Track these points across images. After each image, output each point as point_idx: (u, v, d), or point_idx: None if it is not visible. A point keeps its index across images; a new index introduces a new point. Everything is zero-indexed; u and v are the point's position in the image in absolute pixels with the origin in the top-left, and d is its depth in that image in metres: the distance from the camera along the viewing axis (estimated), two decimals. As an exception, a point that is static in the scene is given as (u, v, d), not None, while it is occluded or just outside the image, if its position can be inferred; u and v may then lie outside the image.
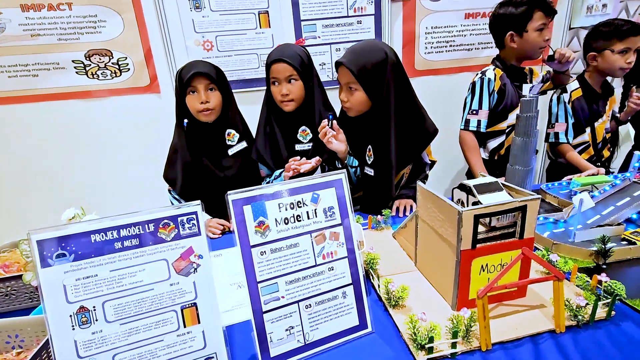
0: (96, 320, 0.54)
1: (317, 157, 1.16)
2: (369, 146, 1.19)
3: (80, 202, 1.74)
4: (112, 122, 1.83)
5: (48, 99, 1.74)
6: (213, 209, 1.25)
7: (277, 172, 1.25)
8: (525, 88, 1.43)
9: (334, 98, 1.27)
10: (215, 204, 1.19)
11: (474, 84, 1.47)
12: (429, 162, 1.32)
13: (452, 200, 0.88)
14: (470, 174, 1.58)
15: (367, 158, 1.20)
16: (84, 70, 1.72)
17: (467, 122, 1.47)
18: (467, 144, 1.48)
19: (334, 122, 1.16)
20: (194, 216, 0.59)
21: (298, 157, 1.17)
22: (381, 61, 1.08)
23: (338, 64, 1.13)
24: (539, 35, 1.36)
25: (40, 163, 1.83)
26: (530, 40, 1.38)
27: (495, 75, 1.44)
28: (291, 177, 1.16)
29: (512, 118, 1.46)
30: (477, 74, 1.48)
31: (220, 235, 1.18)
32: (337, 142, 1.16)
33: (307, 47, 1.86)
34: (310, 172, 1.15)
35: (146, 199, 1.93)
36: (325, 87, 1.91)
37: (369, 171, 1.20)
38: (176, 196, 1.25)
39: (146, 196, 1.92)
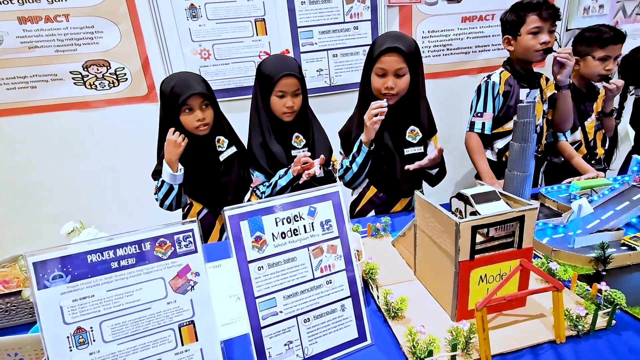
0: (93, 340, 0.54)
1: (321, 156, 1.19)
2: (411, 127, 1.25)
3: (79, 212, 1.74)
4: (110, 132, 1.83)
5: (46, 110, 1.74)
6: (210, 210, 1.31)
7: (281, 172, 1.25)
8: (522, 93, 1.42)
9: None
10: (212, 205, 1.28)
11: (479, 87, 1.48)
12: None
13: (450, 209, 0.88)
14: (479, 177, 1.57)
15: (410, 138, 1.26)
16: (82, 81, 1.72)
17: (472, 124, 1.48)
18: (471, 147, 1.49)
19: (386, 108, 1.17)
20: (190, 234, 0.59)
21: (307, 154, 1.18)
22: (417, 46, 1.18)
23: (387, 51, 1.13)
24: (532, 39, 1.36)
25: (39, 173, 1.84)
26: (522, 43, 1.38)
27: (500, 78, 1.45)
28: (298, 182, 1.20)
29: None
30: (484, 77, 1.49)
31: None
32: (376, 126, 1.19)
33: (303, 53, 1.89)
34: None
35: (144, 208, 1.93)
36: (322, 94, 1.94)
37: (417, 149, 1.27)
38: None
39: (144, 205, 1.92)
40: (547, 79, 1.52)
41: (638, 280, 0.84)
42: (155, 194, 1.25)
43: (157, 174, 1.23)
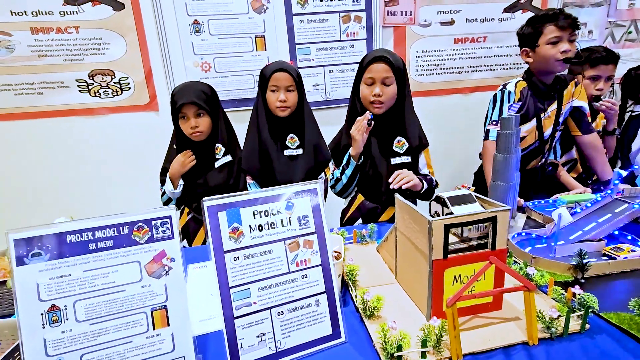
0: (66, 319, 0.55)
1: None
2: (398, 137, 1.30)
3: (79, 214, 1.76)
4: (112, 138, 1.89)
5: (51, 115, 1.81)
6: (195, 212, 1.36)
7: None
8: (505, 107, 1.46)
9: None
10: (196, 208, 1.34)
11: (495, 96, 1.46)
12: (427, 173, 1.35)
13: (430, 212, 0.90)
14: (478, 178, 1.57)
15: (397, 149, 1.30)
16: (87, 89, 1.80)
17: (487, 132, 1.46)
18: (487, 153, 1.46)
19: (372, 122, 1.23)
20: (168, 220, 0.61)
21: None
22: (403, 62, 1.26)
23: (375, 60, 1.20)
24: (552, 48, 1.33)
25: (42, 176, 1.88)
26: (542, 53, 1.35)
27: (516, 87, 1.43)
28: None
29: (522, 130, 1.42)
30: (500, 86, 1.47)
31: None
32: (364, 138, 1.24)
33: (301, 69, 1.96)
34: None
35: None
36: (319, 107, 2.00)
37: (403, 159, 1.31)
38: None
39: (143, 209, 1.94)
40: (577, 84, 1.46)
41: (616, 288, 0.84)
42: (161, 195, 1.35)
43: (163, 172, 1.32)
